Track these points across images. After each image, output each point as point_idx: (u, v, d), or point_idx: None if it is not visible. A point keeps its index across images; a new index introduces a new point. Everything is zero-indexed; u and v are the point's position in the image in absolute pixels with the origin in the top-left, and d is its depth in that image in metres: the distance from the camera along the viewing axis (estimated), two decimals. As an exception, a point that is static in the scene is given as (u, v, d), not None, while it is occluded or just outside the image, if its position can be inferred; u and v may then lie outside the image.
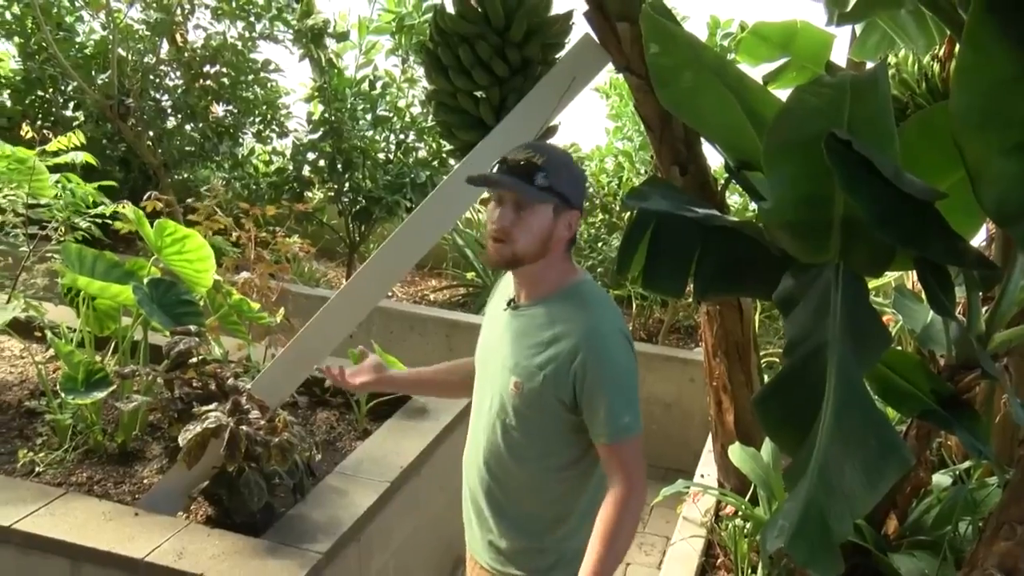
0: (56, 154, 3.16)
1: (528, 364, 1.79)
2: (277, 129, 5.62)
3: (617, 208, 5.00)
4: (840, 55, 3.76)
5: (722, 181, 2.75)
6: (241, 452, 2.45)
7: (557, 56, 2.69)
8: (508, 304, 1.91)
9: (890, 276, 3.87)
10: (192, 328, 2.89)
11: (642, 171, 4.96)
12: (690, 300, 4.95)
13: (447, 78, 2.62)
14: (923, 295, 2.99)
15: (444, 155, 4.74)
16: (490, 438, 1.90)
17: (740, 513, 2.76)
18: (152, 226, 3.09)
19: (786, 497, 1.58)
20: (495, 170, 1.78)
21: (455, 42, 2.58)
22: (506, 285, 1.98)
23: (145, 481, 2.83)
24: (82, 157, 3.15)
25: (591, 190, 5.22)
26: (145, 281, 2.97)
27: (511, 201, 1.76)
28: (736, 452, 2.79)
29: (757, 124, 2.21)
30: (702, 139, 2.70)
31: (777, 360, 3.70)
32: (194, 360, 2.84)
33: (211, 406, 2.59)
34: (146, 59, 5.21)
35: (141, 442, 3.06)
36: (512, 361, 1.83)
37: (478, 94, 2.66)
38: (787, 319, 2.06)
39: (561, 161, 1.80)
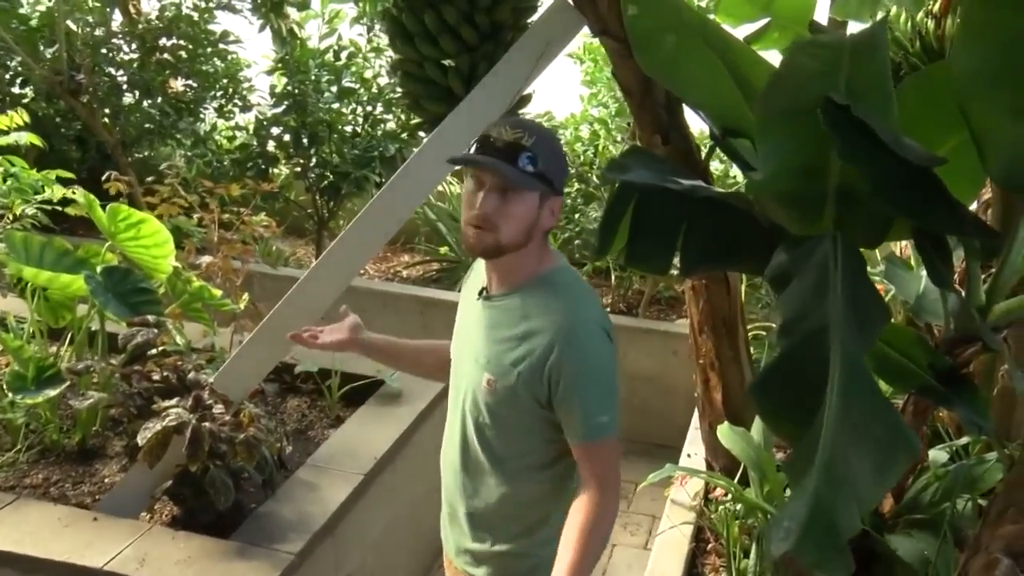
0: (-1, 134, 2.95)
1: (501, 361, 1.66)
2: (239, 103, 5.39)
3: (593, 177, 4.84)
4: (824, 15, 3.63)
5: (705, 149, 2.62)
6: (205, 451, 2.31)
7: (529, 20, 2.53)
8: (480, 293, 1.77)
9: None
10: (150, 318, 2.73)
11: (618, 138, 4.81)
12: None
13: (413, 46, 2.47)
14: (913, 262, 2.91)
15: (414, 126, 4.52)
16: (464, 436, 1.77)
17: (730, 496, 2.66)
18: (106, 210, 2.91)
19: (790, 494, 1.46)
20: (476, 149, 1.63)
21: (420, 7, 2.42)
22: (479, 271, 1.83)
23: (107, 480, 2.68)
24: (26, 138, 2.95)
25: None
26: (98, 269, 2.79)
27: (496, 186, 1.60)
28: (725, 432, 2.68)
29: (744, 88, 2.07)
30: (684, 105, 2.56)
31: (764, 333, 3.59)
32: (154, 352, 2.69)
33: (172, 401, 2.45)
34: (97, 32, 4.95)
35: (102, 438, 2.91)
36: (484, 357, 1.70)
37: (446, 63, 2.51)
38: (780, 296, 1.93)
39: (548, 142, 1.66)
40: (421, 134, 4.10)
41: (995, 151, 1.73)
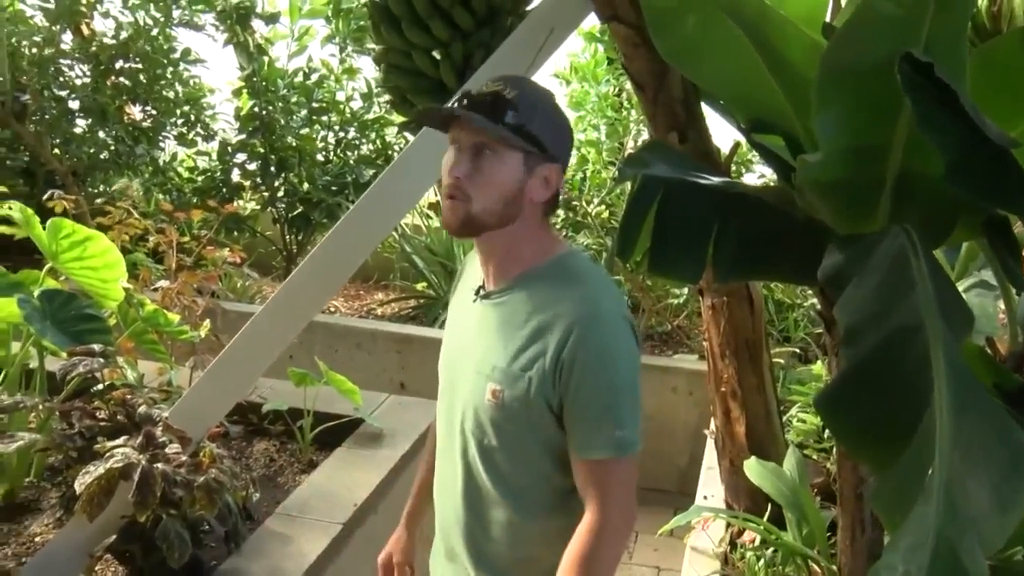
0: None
1: (508, 367, 1.38)
2: (202, 132, 5.06)
3: (583, 203, 4.57)
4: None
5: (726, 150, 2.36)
6: (156, 496, 1.95)
7: (530, 6, 2.28)
8: (476, 292, 1.49)
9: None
10: (95, 348, 2.38)
11: (611, 161, 4.56)
12: (666, 303, 4.57)
13: (399, 33, 2.19)
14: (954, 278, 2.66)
15: (399, 126, 4.18)
16: (466, 464, 1.48)
17: (762, 540, 2.34)
18: (46, 226, 2.57)
19: (901, 530, 1.16)
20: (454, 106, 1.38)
21: (408, -12, 2.15)
22: (473, 269, 1.56)
23: (38, 539, 2.30)
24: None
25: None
26: (35, 293, 2.44)
27: (469, 145, 1.35)
28: (753, 468, 2.37)
29: (779, 71, 1.82)
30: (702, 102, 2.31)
31: (782, 362, 3.31)
32: (99, 387, 2.34)
33: (119, 440, 2.09)
34: (45, 51, 4.61)
35: (36, 490, 2.52)
36: (488, 364, 1.41)
37: (436, 52, 2.23)
38: (838, 302, 1.66)
39: (539, 98, 1.40)
40: (408, 137, 3.80)
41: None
